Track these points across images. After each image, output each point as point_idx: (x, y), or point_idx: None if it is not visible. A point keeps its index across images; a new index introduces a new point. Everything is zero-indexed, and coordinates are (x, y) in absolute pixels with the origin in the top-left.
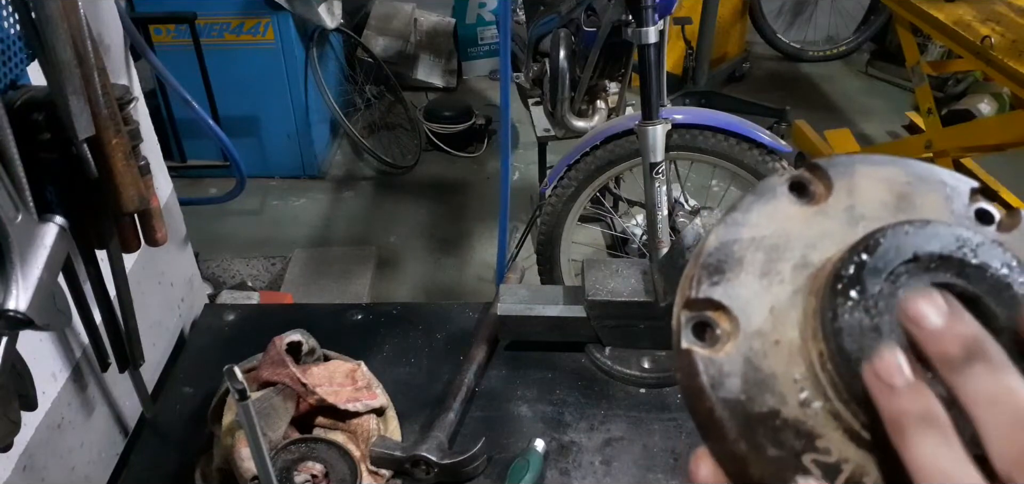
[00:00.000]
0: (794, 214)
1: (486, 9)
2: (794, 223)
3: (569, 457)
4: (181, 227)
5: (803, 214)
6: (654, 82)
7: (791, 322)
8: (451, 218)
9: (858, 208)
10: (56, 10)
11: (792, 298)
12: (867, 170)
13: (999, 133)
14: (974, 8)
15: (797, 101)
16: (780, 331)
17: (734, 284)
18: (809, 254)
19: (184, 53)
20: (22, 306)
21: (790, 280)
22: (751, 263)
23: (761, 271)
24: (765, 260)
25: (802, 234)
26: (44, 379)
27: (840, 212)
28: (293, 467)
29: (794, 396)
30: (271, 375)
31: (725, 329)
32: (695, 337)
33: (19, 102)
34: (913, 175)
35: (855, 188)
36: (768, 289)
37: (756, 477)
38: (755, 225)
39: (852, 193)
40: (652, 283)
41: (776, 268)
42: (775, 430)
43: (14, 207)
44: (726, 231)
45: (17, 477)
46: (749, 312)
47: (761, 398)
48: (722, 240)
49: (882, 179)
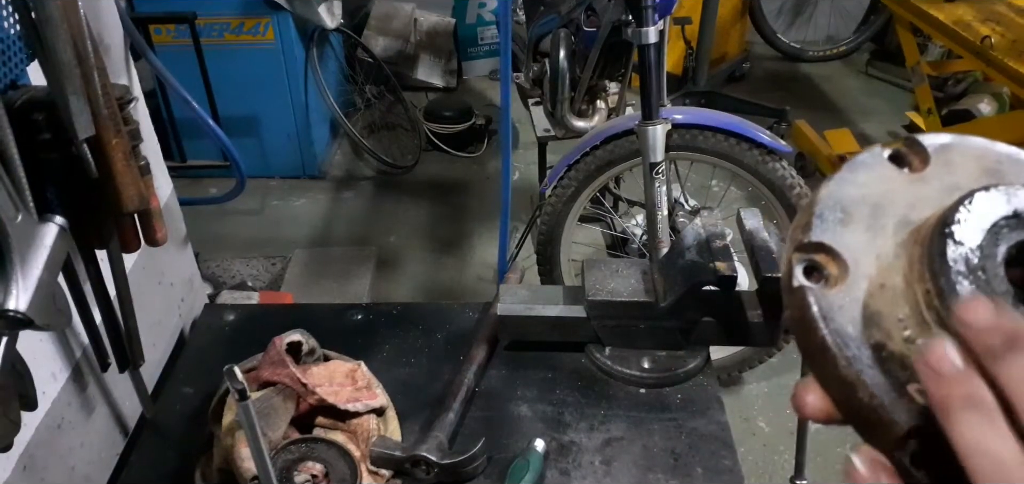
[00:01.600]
0: (896, 179)
1: (486, 9)
2: (896, 186)
3: (569, 457)
4: (181, 227)
5: (904, 180)
6: (654, 82)
7: (895, 270)
8: (451, 218)
9: (953, 179)
10: (56, 10)
11: (896, 249)
12: (961, 147)
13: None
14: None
15: (797, 101)
16: (885, 277)
17: (843, 233)
18: (909, 213)
19: (184, 53)
20: (22, 306)
21: (893, 234)
22: (858, 216)
23: (867, 224)
24: (870, 215)
25: (903, 196)
26: (44, 379)
27: (937, 181)
28: (293, 467)
29: (899, 333)
30: (271, 375)
31: (833, 272)
32: (808, 278)
33: (19, 102)
34: (1003, 154)
35: (950, 162)
36: (873, 240)
37: (864, 400)
38: (862, 184)
39: (948, 166)
40: (652, 283)
41: (880, 223)
42: (882, 360)
43: (14, 207)
44: (836, 186)
45: (17, 477)
46: (857, 258)
47: (868, 332)
48: (832, 193)
49: (974, 156)
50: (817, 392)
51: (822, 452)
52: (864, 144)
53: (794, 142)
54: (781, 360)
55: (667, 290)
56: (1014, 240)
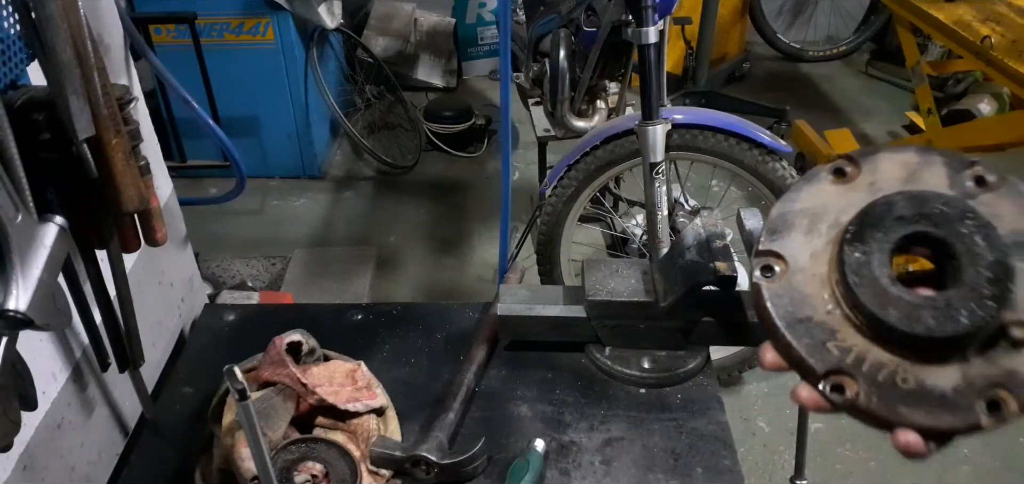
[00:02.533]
0: (831, 191)
1: (486, 9)
2: (831, 197)
3: (569, 457)
4: (181, 227)
5: (838, 190)
6: (654, 82)
7: (822, 261)
8: (451, 218)
9: (878, 184)
10: (56, 10)
11: (825, 247)
12: (888, 155)
13: (999, 133)
14: (974, 8)
15: (797, 101)
16: (816, 268)
17: (786, 239)
18: (840, 217)
19: (184, 53)
20: (22, 306)
21: (825, 236)
22: (799, 226)
23: (806, 230)
24: (809, 223)
25: (836, 204)
26: (44, 379)
27: (864, 187)
28: (293, 467)
29: (822, 307)
30: (271, 375)
31: (778, 269)
32: (762, 274)
33: (19, 102)
34: (923, 156)
35: (877, 169)
36: (809, 242)
37: (796, 355)
38: (803, 200)
39: (874, 172)
40: (652, 283)
41: (817, 228)
42: (810, 328)
43: (14, 207)
44: (783, 205)
45: (17, 477)
46: (796, 257)
47: (801, 309)
48: (780, 211)
49: (899, 162)
50: (772, 351)
51: (822, 452)
52: (864, 144)
53: (794, 142)
54: None
55: (667, 290)
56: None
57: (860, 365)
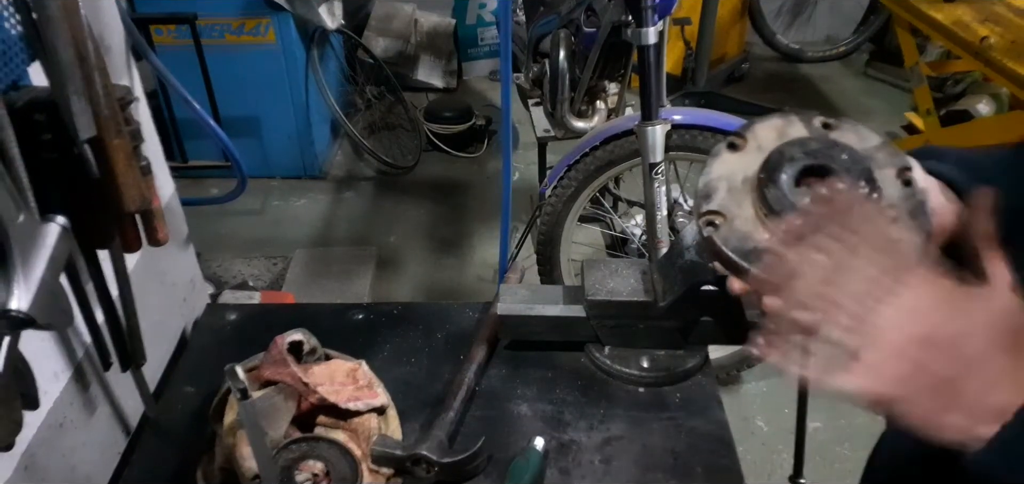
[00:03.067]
0: (732, 159)
1: (486, 10)
2: (733, 163)
3: (569, 456)
4: (183, 227)
5: (736, 157)
6: (654, 82)
7: (748, 207)
8: (451, 218)
9: (762, 145)
10: (57, 11)
11: (746, 197)
12: (761, 124)
13: (998, 133)
14: (973, 9)
15: (796, 101)
16: (745, 213)
17: (716, 200)
18: (746, 173)
19: (185, 53)
20: (24, 306)
21: (741, 189)
22: (720, 188)
23: (727, 190)
24: (727, 185)
25: (740, 166)
26: (46, 378)
27: (754, 150)
28: (294, 466)
29: (760, 237)
30: (272, 374)
31: (720, 222)
32: (710, 228)
33: (21, 103)
34: (785, 118)
35: (758, 135)
36: (733, 197)
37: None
38: (715, 170)
39: (756, 138)
40: (651, 283)
41: (734, 186)
42: (757, 253)
43: (16, 207)
44: (703, 178)
45: (19, 476)
46: (728, 208)
47: (746, 243)
48: (703, 183)
49: (770, 126)
50: (736, 281)
51: (821, 452)
52: None
53: None
54: None
55: (666, 290)
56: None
57: None
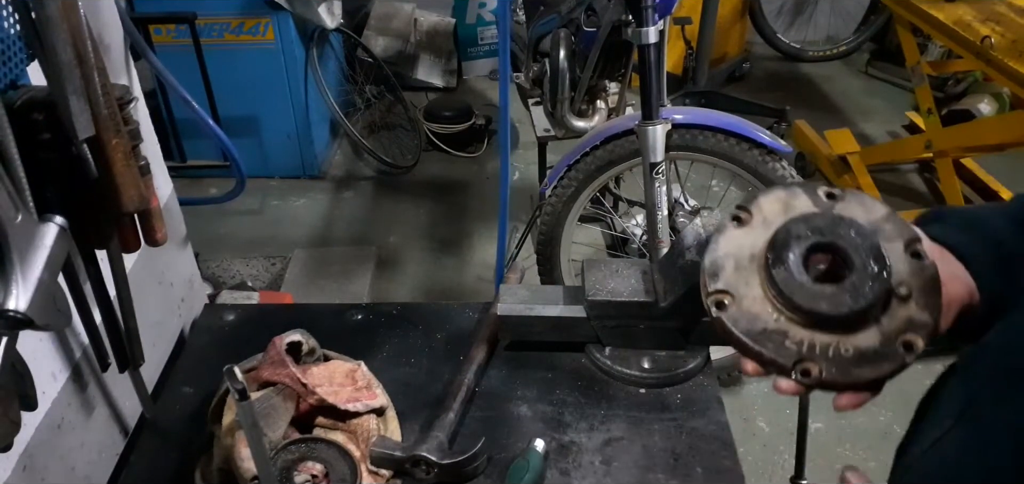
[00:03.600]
0: (738, 234)
1: (486, 9)
2: (740, 239)
3: (569, 457)
4: (181, 227)
5: (742, 232)
6: (654, 82)
7: (756, 286)
8: (451, 218)
9: (768, 219)
10: (56, 10)
11: (754, 275)
12: (765, 198)
13: (999, 133)
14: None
15: (797, 101)
16: (753, 293)
17: (723, 278)
18: (753, 251)
19: (184, 53)
20: (22, 306)
21: (749, 267)
22: (727, 266)
23: (734, 268)
24: (734, 263)
25: (746, 242)
26: (44, 379)
27: (759, 224)
28: (293, 467)
29: (770, 318)
30: (271, 375)
31: (727, 301)
32: (718, 309)
33: (19, 102)
34: (788, 191)
35: (763, 209)
36: (740, 275)
37: (765, 357)
38: (722, 247)
39: (762, 212)
40: (652, 283)
41: (741, 264)
42: (768, 335)
43: (14, 207)
44: (710, 255)
45: (17, 477)
46: (736, 288)
47: (755, 325)
48: (710, 260)
49: (774, 199)
50: (749, 362)
51: (822, 452)
52: (864, 144)
53: (794, 142)
54: None
55: (667, 290)
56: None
57: (813, 350)
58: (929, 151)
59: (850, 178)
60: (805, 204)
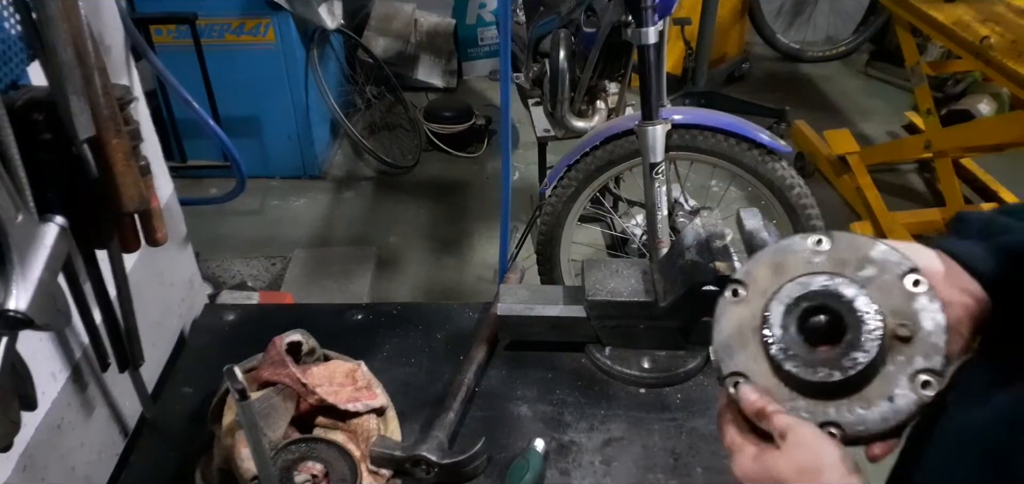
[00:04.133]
0: (738, 311)
1: (486, 9)
2: (740, 313)
3: (569, 457)
4: (181, 227)
5: (741, 307)
6: (654, 82)
7: (763, 360)
8: (451, 218)
9: (761, 286)
10: (57, 11)
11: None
12: (755, 265)
13: (998, 133)
14: (973, 8)
15: (797, 101)
16: (762, 367)
17: (735, 358)
18: (754, 324)
19: (184, 53)
20: (22, 306)
21: (752, 344)
22: (736, 345)
23: (739, 344)
24: (739, 339)
25: (747, 316)
26: (44, 379)
27: (757, 295)
28: (293, 467)
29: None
30: (271, 375)
31: (742, 380)
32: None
33: (20, 102)
34: (776, 252)
35: (755, 276)
36: (747, 353)
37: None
38: (726, 325)
39: (755, 280)
40: (652, 283)
41: (744, 339)
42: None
43: (14, 207)
44: (717, 337)
45: (17, 477)
46: (749, 368)
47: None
48: (719, 342)
49: (765, 263)
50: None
51: None
52: (863, 144)
53: (794, 142)
54: None
55: (667, 290)
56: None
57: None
58: (928, 151)
59: (850, 178)
60: (794, 263)
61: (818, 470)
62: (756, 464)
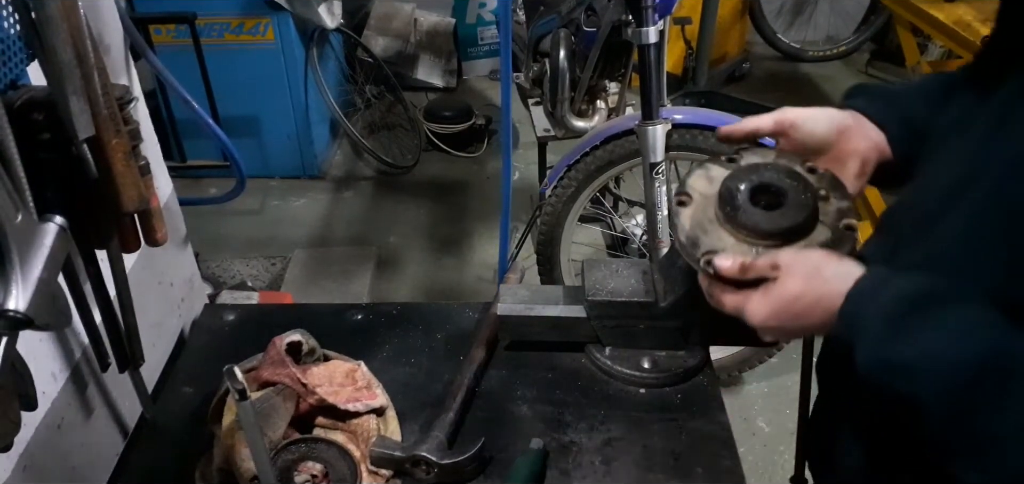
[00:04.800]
0: (688, 212)
1: (486, 9)
2: (694, 213)
3: (569, 457)
4: (181, 227)
5: (690, 209)
6: (654, 82)
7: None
8: (451, 218)
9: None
10: (56, 10)
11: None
12: (690, 178)
13: None
14: (974, 8)
15: (797, 101)
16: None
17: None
18: (707, 216)
19: (184, 53)
20: (22, 306)
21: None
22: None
23: (701, 232)
24: (699, 228)
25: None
26: (44, 379)
27: (699, 199)
28: (293, 467)
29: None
30: (271, 375)
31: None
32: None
33: (19, 102)
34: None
35: (694, 187)
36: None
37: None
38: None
39: (695, 189)
40: (652, 283)
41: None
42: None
43: (14, 207)
44: (681, 233)
45: (17, 477)
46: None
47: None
48: (685, 236)
49: (699, 177)
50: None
51: None
52: None
53: None
54: (781, 360)
55: (667, 290)
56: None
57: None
58: None
59: None
60: (720, 171)
61: (817, 268)
62: (768, 298)
